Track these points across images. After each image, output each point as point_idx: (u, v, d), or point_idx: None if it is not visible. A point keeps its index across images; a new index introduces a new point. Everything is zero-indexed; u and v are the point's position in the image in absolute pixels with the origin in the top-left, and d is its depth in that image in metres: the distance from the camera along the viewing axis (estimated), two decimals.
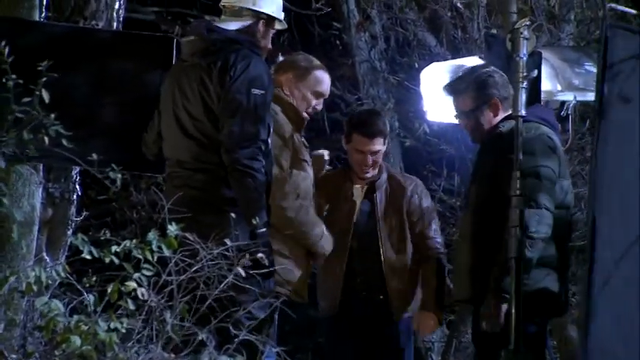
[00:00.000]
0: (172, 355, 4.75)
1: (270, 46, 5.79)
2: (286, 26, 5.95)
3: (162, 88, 5.78)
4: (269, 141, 5.56)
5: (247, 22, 5.68)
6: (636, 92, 4.88)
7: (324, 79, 5.93)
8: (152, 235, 4.84)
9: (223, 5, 5.78)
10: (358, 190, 6.22)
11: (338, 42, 8.80)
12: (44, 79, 5.25)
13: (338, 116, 9.10)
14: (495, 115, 5.58)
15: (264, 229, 5.40)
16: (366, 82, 8.66)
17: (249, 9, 5.69)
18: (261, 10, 5.69)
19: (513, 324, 5.01)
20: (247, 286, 5.05)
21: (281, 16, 5.79)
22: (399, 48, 8.62)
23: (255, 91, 5.48)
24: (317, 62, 5.97)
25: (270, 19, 5.73)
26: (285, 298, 5.47)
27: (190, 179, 5.58)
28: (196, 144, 5.57)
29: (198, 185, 5.54)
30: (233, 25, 5.67)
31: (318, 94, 5.89)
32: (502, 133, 5.47)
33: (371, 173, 6.20)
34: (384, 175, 6.26)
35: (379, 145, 6.17)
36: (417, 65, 7.92)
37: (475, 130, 5.64)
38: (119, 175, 5.29)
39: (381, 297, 6.19)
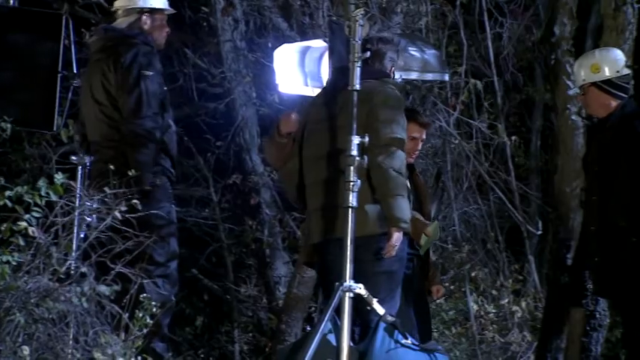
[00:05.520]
0: (57, 284, 4.76)
1: (165, 33, 5.91)
2: (174, 11, 6.10)
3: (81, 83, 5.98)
4: (165, 115, 5.75)
5: (133, 19, 5.85)
6: None
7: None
8: (42, 183, 4.88)
9: (116, 9, 5.94)
10: None
11: (205, 24, 8.80)
12: None
13: (205, 87, 9.15)
14: None
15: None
16: (229, 59, 8.73)
17: (133, 7, 5.85)
18: (144, 6, 5.85)
19: (347, 264, 4.86)
20: None
21: (163, 5, 5.92)
22: (256, 30, 8.69)
23: (147, 73, 5.68)
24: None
25: (154, 11, 5.87)
26: None
27: (103, 154, 5.79)
28: (105, 125, 5.79)
29: (107, 159, 5.69)
30: (124, 24, 5.87)
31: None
32: None
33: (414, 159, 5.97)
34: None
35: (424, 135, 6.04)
36: (271, 45, 7.94)
37: None
38: (9, 125, 5.50)
39: None
